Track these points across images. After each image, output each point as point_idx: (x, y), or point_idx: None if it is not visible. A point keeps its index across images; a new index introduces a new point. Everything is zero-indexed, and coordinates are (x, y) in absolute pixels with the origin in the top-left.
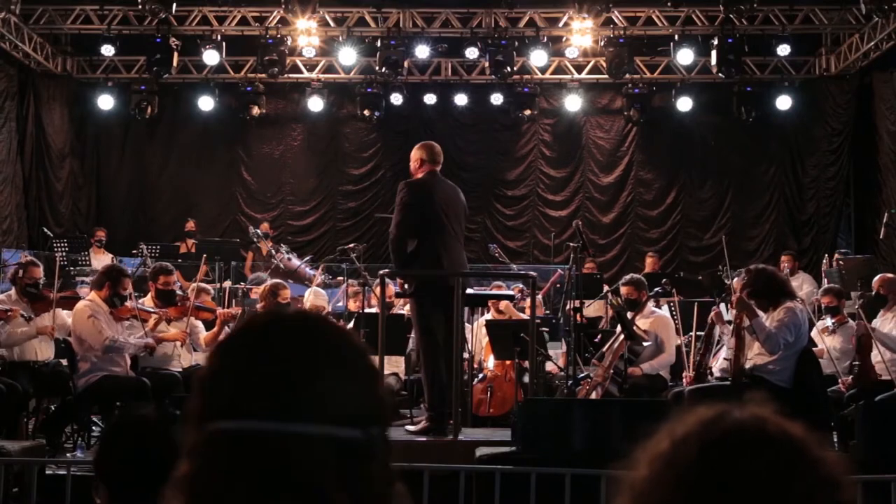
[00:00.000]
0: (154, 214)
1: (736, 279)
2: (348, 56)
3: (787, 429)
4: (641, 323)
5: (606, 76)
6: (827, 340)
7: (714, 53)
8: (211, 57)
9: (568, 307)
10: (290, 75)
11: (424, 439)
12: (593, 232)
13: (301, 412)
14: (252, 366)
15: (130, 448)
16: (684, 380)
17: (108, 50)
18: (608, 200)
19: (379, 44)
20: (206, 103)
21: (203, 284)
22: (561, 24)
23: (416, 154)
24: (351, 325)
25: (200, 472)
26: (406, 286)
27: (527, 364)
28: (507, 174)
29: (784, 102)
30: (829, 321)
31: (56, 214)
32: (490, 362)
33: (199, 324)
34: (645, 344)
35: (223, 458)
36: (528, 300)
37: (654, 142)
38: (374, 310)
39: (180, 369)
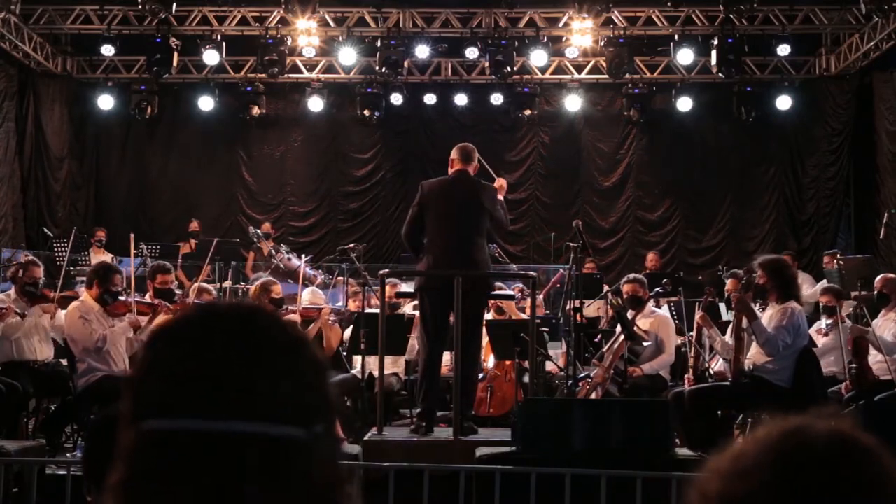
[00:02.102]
0: (154, 214)
1: (730, 280)
2: (348, 56)
3: (869, 443)
4: (642, 323)
5: (606, 76)
6: (822, 341)
7: (714, 53)
8: (211, 57)
9: (568, 307)
10: (290, 75)
11: (424, 439)
12: (592, 236)
13: (234, 409)
14: (182, 360)
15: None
16: (686, 382)
17: (108, 50)
18: (608, 204)
19: (379, 44)
20: (206, 103)
21: (204, 285)
22: (561, 24)
23: (451, 155)
24: (351, 325)
25: (131, 475)
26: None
27: (527, 364)
28: (507, 178)
29: (784, 102)
30: (823, 323)
31: (53, 215)
32: (490, 362)
33: None
34: (645, 344)
35: (151, 459)
36: (529, 300)
37: (654, 142)
38: (374, 310)
39: None
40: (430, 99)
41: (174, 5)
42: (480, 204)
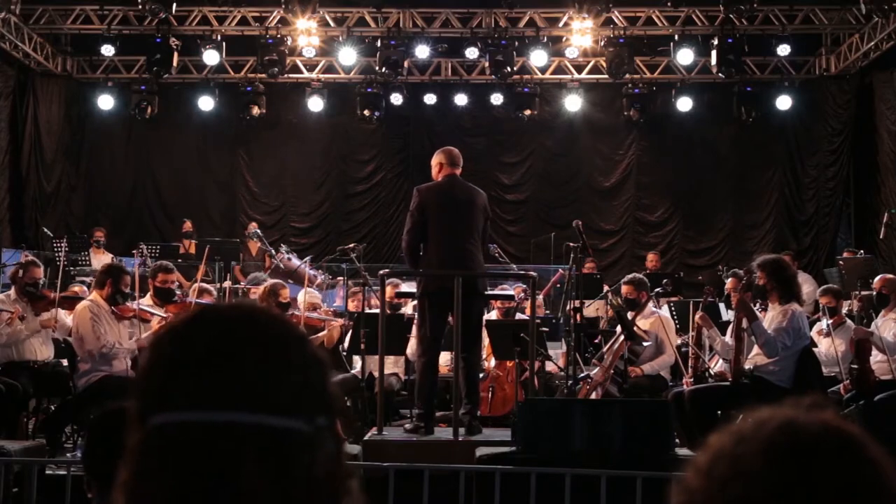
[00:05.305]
0: (154, 214)
1: (730, 280)
2: (348, 56)
3: (853, 433)
4: (642, 323)
5: (606, 76)
6: (823, 342)
7: (714, 53)
8: (211, 57)
9: (568, 307)
10: (290, 75)
11: (424, 439)
12: (592, 237)
13: (234, 401)
14: (182, 356)
15: (117, 440)
16: (685, 383)
17: (108, 50)
18: (608, 205)
19: (379, 44)
20: (206, 103)
21: (205, 285)
22: (561, 24)
23: (435, 159)
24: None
25: (135, 471)
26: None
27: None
28: (507, 178)
29: (784, 102)
30: (824, 323)
31: (48, 215)
32: (491, 362)
33: None
34: (645, 344)
35: (154, 454)
36: (529, 300)
37: (654, 142)
38: (374, 310)
39: None
40: (430, 99)
41: (174, 5)
42: (478, 207)
